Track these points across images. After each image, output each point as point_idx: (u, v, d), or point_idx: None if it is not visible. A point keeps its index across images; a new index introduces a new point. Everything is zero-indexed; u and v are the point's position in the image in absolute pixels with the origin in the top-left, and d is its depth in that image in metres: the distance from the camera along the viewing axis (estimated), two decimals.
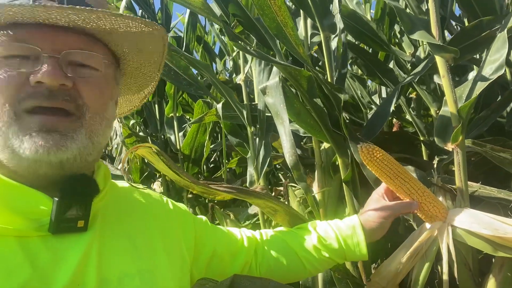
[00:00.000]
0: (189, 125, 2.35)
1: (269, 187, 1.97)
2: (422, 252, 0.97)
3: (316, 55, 1.73)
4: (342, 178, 1.23)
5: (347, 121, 2.34)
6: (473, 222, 0.89)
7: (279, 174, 1.93)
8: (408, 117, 2.00)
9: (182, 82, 1.45)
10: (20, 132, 0.57)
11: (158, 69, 0.73)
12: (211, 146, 2.01)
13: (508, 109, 1.67)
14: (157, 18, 2.29)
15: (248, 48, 1.21)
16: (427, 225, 0.97)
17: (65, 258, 0.58)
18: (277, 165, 2.08)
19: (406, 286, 1.01)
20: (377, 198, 0.96)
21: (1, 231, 0.56)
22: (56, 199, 0.58)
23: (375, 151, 0.93)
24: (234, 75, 2.89)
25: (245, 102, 1.44)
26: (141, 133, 2.05)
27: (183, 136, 2.08)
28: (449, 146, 0.99)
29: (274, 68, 1.36)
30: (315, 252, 0.92)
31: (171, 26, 2.51)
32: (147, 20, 0.62)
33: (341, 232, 0.93)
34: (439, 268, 1.43)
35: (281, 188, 1.85)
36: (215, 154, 2.56)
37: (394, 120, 2.17)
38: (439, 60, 1.00)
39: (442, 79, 0.99)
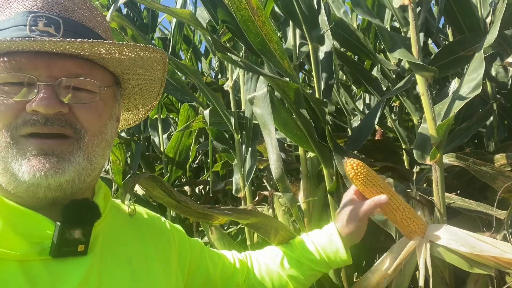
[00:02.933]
0: (174, 129, 2.34)
1: (253, 188, 1.98)
2: (401, 266, 0.99)
3: (303, 61, 1.74)
4: (327, 189, 1.24)
5: (331, 124, 2.37)
6: (451, 239, 0.92)
7: (263, 175, 1.93)
8: (390, 124, 2.04)
9: (168, 86, 1.44)
10: (18, 156, 0.57)
11: (160, 85, 0.73)
12: (194, 154, 2.01)
13: (488, 122, 1.73)
14: (143, 17, 2.26)
15: (236, 55, 1.21)
16: (406, 240, 1.00)
17: (65, 282, 0.58)
18: (259, 172, 2.10)
19: None
20: (348, 201, 0.97)
21: (3, 255, 0.56)
22: (58, 223, 0.59)
23: (359, 167, 0.94)
24: (220, 76, 2.88)
25: (232, 109, 1.44)
26: (123, 134, 2.02)
27: (167, 138, 2.06)
28: (428, 162, 1.02)
29: (262, 77, 1.36)
30: (298, 267, 0.93)
31: (157, 24, 2.48)
32: (142, 45, 0.61)
33: (319, 242, 0.95)
34: (417, 276, 1.47)
35: (265, 192, 1.86)
36: (200, 156, 2.55)
37: (377, 127, 2.21)
38: (419, 79, 1.03)
39: (422, 97, 1.02)
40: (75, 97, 0.60)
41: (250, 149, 1.41)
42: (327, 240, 0.94)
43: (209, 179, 2.23)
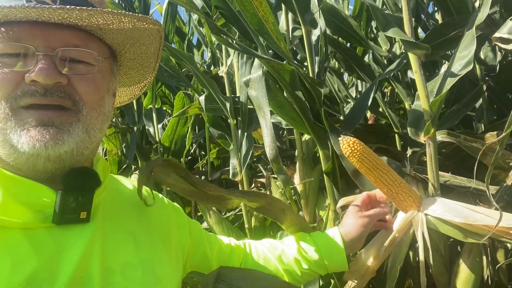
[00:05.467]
0: (167, 120, 2.33)
1: (249, 176, 2.00)
2: (397, 240, 1.02)
3: (295, 49, 1.75)
4: (323, 169, 1.27)
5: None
6: (445, 211, 0.95)
7: (259, 165, 1.95)
8: (383, 110, 2.07)
9: (163, 74, 1.44)
10: (17, 127, 0.57)
11: (155, 60, 0.73)
12: (190, 143, 2.01)
13: (477, 104, 1.77)
14: (135, 7, 2.25)
15: (232, 37, 1.21)
16: (402, 214, 1.02)
17: (70, 249, 0.59)
18: (254, 158, 2.11)
19: (382, 272, 1.07)
20: (354, 210, 0.98)
21: (7, 224, 0.56)
22: (60, 191, 0.59)
23: (355, 144, 0.96)
24: (212, 67, 2.88)
25: (227, 95, 1.45)
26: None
27: (162, 128, 2.06)
28: (422, 138, 1.04)
29: (256, 61, 1.38)
30: (296, 264, 0.93)
31: (149, 15, 2.47)
32: (140, 15, 0.61)
33: (321, 243, 0.94)
34: (410, 254, 1.51)
35: (262, 180, 1.88)
36: (193, 147, 2.55)
37: (370, 114, 2.24)
38: (411, 57, 1.05)
39: (415, 74, 1.04)
40: (74, 68, 0.60)
41: (246, 133, 1.43)
42: (330, 243, 0.94)
43: (203, 169, 2.24)
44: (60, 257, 0.58)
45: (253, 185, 1.88)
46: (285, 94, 1.24)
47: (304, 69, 1.57)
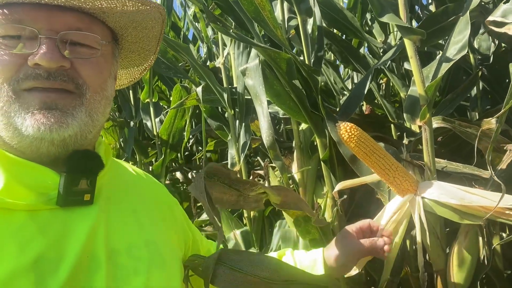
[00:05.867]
0: (164, 113, 2.33)
1: (247, 171, 2.01)
2: (394, 225, 1.03)
3: (291, 42, 1.76)
4: (321, 157, 1.28)
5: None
6: (442, 193, 0.97)
7: (257, 158, 1.96)
8: (378, 102, 2.08)
9: (160, 65, 1.44)
10: (21, 110, 0.57)
11: (157, 43, 0.74)
12: (189, 136, 2.02)
13: (472, 93, 1.79)
14: None
15: (228, 26, 1.22)
16: (399, 198, 1.04)
17: (75, 230, 0.59)
18: (252, 153, 2.12)
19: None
20: (346, 234, 0.90)
21: (12, 206, 0.56)
22: (64, 174, 0.60)
23: (353, 129, 0.97)
24: (208, 62, 2.89)
25: (225, 86, 1.46)
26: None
27: (159, 122, 2.07)
28: (418, 123, 1.06)
29: (253, 51, 1.38)
30: None
31: None
32: None
33: (302, 263, 0.91)
34: (407, 242, 1.52)
35: (259, 172, 1.89)
36: (190, 143, 2.56)
37: (366, 105, 2.26)
38: (407, 43, 1.06)
39: (410, 60, 1.05)
40: (77, 52, 0.60)
41: (243, 124, 1.43)
42: (310, 264, 0.89)
43: (200, 163, 2.24)
44: (66, 239, 0.58)
45: (251, 177, 1.89)
46: (282, 83, 1.25)
47: (301, 57, 1.57)
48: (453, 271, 1.01)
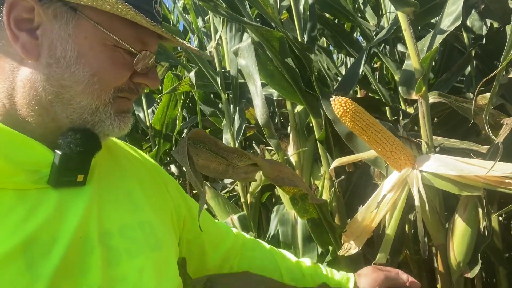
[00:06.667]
0: (156, 106, 2.30)
1: None
2: (393, 200, 1.02)
3: (282, 24, 1.74)
4: (317, 137, 1.26)
5: None
6: (440, 165, 0.95)
7: (253, 144, 1.94)
8: (373, 86, 2.07)
9: None
10: (112, 112, 0.61)
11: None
12: (181, 124, 1.99)
13: (466, 72, 1.78)
14: None
15: (220, 5, 1.19)
16: (396, 174, 1.02)
17: (68, 212, 0.57)
18: (246, 142, 2.10)
19: (379, 232, 1.07)
20: (375, 268, 0.94)
21: None
22: (58, 152, 0.57)
23: (348, 103, 0.96)
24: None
25: (217, 69, 1.44)
26: None
27: (152, 113, 2.04)
28: (414, 97, 1.04)
29: (245, 35, 1.36)
30: (300, 281, 0.89)
31: None
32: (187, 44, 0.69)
33: (334, 276, 0.91)
34: (406, 226, 1.51)
35: None
36: (184, 132, 2.53)
37: (360, 90, 2.24)
38: (401, 16, 1.04)
39: (404, 33, 1.03)
40: None
41: (238, 108, 1.41)
42: (342, 278, 0.91)
43: None
44: (58, 220, 0.56)
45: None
46: (275, 64, 1.23)
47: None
48: (453, 245, 1.00)
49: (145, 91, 2.12)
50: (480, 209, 0.98)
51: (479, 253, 1.00)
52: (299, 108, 1.44)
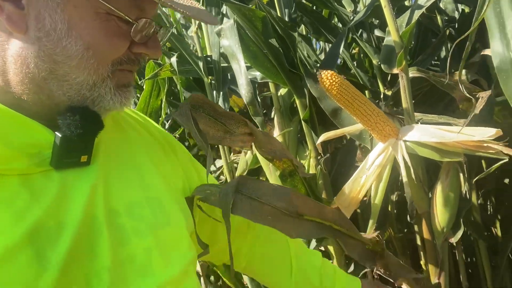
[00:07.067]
0: (142, 86, 2.26)
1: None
2: (378, 171, 1.05)
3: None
4: (301, 117, 1.28)
5: None
6: (422, 134, 0.99)
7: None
8: (352, 72, 2.11)
9: None
10: (112, 86, 0.57)
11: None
12: (165, 113, 1.97)
13: (442, 55, 1.85)
14: None
15: None
16: (381, 145, 1.05)
17: (73, 194, 0.54)
18: None
19: (365, 203, 1.10)
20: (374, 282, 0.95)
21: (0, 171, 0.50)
22: (58, 134, 0.54)
23: (333, 76, 0.98)
24: None
25: (199, 54, 1.43)
26: None
27: (134, 105, 2.00)
28: (395, 71, 1.08)
29: (225, 19, 1.36)
30: (311, 274, 0.86)
31: None
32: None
33: (341, 277, 0.89)
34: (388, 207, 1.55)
35: (239, 155, 1.88)
36: (166, 125, 2.51)
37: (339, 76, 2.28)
38: None
39: (384, 9, 1.06)
40: None
41: (221, 92, 1.41)
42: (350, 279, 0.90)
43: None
44: (64, 204, 0.53)
45: (232, 154, 1.88)
46: (258, 44, 1.24)
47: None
48: (436, 211, 1.04)
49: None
50: (461, 174, 1.02)
51: (461, 218, 1.04)
52: (282, 91, 1.46)
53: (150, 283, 0.56)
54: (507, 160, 0.91)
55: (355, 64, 2.21)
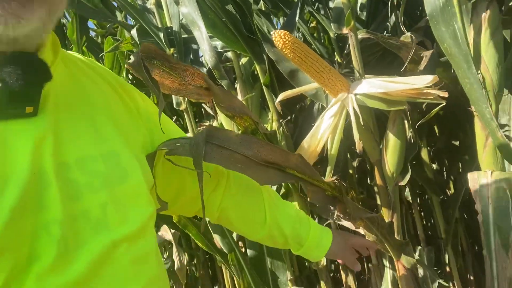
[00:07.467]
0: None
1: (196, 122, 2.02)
2: (333, 125, 1.13)
3: None
4: (262, 81, 1.34)
5: None
6: (370, 87, 1.08)
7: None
8: (311, 44, 2.19)
9: (88, 10, 1.39)
10: None
11: None
12: None
13: (391, 22, 1.96)
14: None
15: None
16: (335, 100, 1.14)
17: (18, 145, 0.51)
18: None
19: (324, 155, 1.18)
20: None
21: None
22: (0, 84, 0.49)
23: (286, 35, 1.04)
24: None
25: (159, 26, 1.45)
26: None
27: None
28: (344, 31, 1.15)
29: None
30: (283, 224, 0.87)
31: None
32: None
33: (316, 229, 0.91)
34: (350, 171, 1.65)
35: (206, 124, 1.92)
36: None
37: None
38: None
39: None
40: None
41: (184, 63, 1.44)
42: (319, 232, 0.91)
43: None
44: (8, 156, 0.50)
45: (199, 128, 1.91)
46: (216, 12, 1.28)
47: None
48: (386, 158, 1.14)
49: None
50: (406, 122, 1.12)
51: (409, 162, 1.15)
52: (244, 60, 1.51)
53: (105, 239, 0.55)
54: (444, 104, 1.01)
55: (316, 41, 2.30)
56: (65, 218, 0.52)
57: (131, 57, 0.69)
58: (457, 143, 1.98)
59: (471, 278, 2.09)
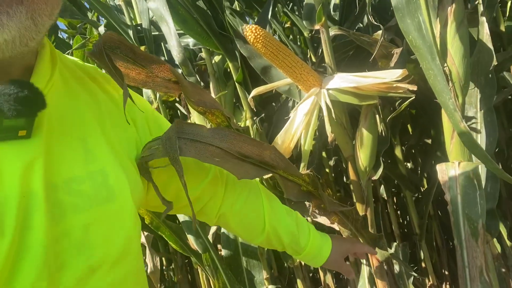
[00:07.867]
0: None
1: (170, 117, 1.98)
2: (306, 120, 1.13)
3: None
4: (235, 79, 1.32)
5: None
6: (342, 82, 1.08)
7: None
8: (286, 44, 2.20)
9: None
10: None
11: None
12: None
13: (364, 23, 1.99)
14: None
15: None
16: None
17: (6, 169, 0.51)
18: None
19: (298, 150, 1.18)
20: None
21: None
22: None
23: (258, 29, 1.03)
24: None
25: (128, 23, 1.42)
26: None
27: None
28: (316, 27, 1.16)
29: None
30: (282, 233, 0.86)
31: None
32: None
33: (316, 237, 0.89)
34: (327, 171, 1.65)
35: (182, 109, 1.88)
36: None
37: None
38: None
39: None
40: None
41: None
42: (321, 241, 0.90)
43: None
44: None
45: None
46: (186, 8, 1.25)
47: None
48: (359, 153, 1.15)
49: None
50: (377, 116, 1.13)
51: (381, 156, 1.16)
52: (216, 58, 1.49)
53: (85, 260, 0.54)
54: (414, 97, 1.03)
55: (290, 42, 2.31)
56: (48, 240, 0.52)
57: (93, 46, 0.66)
58: (429, 140, 2.03)
59: (446, 273, 2.13)
